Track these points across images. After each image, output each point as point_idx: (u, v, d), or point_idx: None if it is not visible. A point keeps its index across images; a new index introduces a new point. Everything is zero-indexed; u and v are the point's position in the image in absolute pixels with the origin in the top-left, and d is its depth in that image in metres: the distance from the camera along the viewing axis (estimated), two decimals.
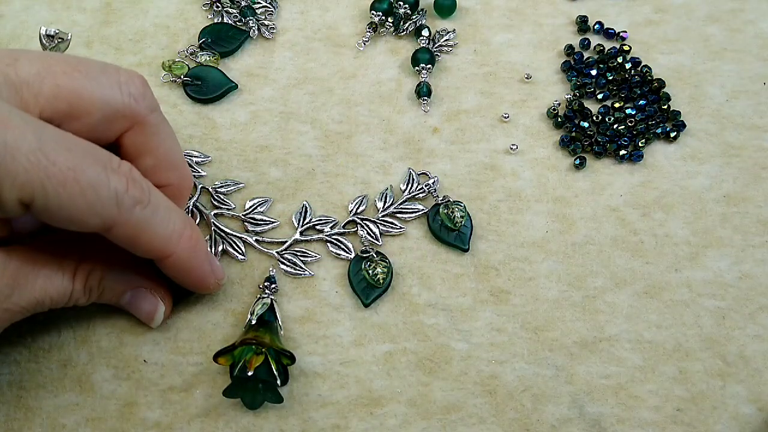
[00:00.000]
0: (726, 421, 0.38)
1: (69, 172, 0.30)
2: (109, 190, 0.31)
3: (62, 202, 0.30)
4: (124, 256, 0.36)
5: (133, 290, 0.38)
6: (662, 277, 0.41)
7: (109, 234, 0.33)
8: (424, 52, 0.48)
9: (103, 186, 0.31)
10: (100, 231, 0.32)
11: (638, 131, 0.46)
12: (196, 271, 0.37)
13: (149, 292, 0.38)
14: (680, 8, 0.51)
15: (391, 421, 0.38)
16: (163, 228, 0.34)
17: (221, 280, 0.39)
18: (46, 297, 0.34)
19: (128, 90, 0.34)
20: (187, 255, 0.35)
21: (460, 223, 0.42)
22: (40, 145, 0.29)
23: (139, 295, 0.38)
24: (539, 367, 0.39)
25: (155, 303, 0.38)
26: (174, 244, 0.35)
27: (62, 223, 0.31)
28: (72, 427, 0.37)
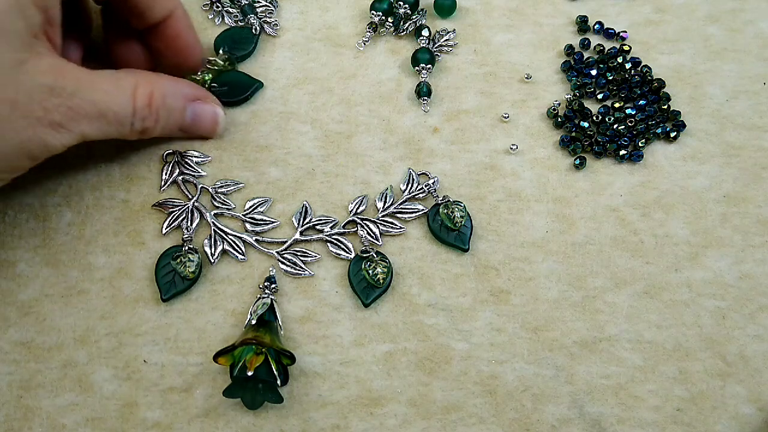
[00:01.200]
0: (726, 421, 0.38)
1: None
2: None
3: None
4: (168, 79, 0.41)
5: (191, 105, 0.42)
6: (662, 277, 0.41)
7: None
8: (424, 52, 0.48)
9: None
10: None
11: (638, 131, 0.46)
12: (193, 30, 0.42)
13: (205, 102, 0.43)
14: (680, 8, 0.51)
15: (391, 421, 0.38)
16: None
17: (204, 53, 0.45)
18: (109, 109, 0.37)
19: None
20: (183, 13, 0.42)
21: (460, 223, 0.42)
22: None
23: (197, 109, 0.42)
24: (539, 367, 0.39)
25: (214, 110, 0.43)
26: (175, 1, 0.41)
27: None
28: (72, 427, 0.37)
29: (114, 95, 0.37)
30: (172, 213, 0.42)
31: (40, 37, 0.35)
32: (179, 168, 0.44)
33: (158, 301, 0.40)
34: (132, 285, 0.41)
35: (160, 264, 0.41)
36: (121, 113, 0.38)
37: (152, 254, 0.41)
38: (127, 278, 0.41)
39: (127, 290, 0.40)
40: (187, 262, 0.40)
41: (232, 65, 0.47)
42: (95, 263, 0.41)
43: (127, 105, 0.38)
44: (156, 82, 0.40)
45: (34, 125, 0.34)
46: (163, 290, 0.40)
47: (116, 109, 0.37)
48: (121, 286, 0.40)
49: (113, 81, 0.38)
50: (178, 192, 0.43)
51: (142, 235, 0.42)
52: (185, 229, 0.42)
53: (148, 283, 0.41)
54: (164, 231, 0.42)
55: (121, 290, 0.40)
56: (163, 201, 0.43)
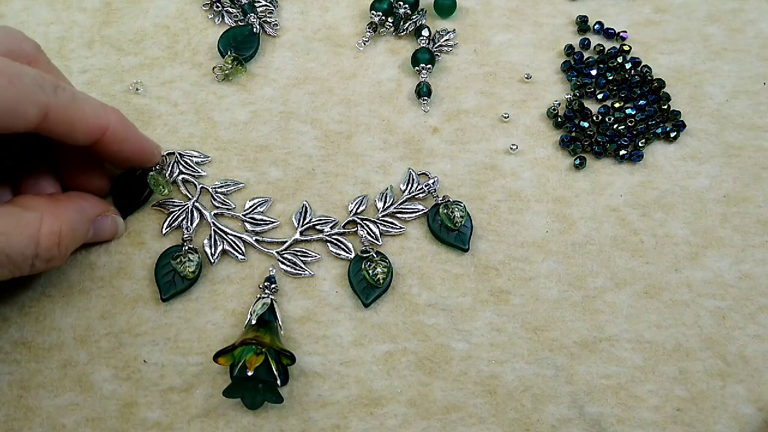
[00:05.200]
0: (726, 421, 0.38)
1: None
2: (29, 77, 0.34)
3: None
4: (74, 206, 0.38)
5: (93, 223, 0.40)
6: (662, 277, 0.41)
7: (48, 123, 0.35)
8: (424, 52, 0.48)
9: (23, 74, 0.34)
10: (39, 123, 0.35)
11: (638, 131, 0.46)
12: (134, 140, 0.40)
13: (104, 216, 0.41)
14: (680, 8, 0.51)
15: (391, 421, 0.38)
16: (89, 105, 0.37)
17: (159, 148, 0.42)
18: (3, 254, 0.34)
19: (13, 35, 0.37)
20: (121, 125, 0.38)
21: (460, 223, 0.42)
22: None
23: (98, 225, 0.40)
24: (539, 367, 0.39)
25: (114, 220, 0.41)
26: (105, 116, 0.38)
27: (7, 122, 0.33)
28: (72, 427, 0.37)
29: (12, 238, 0.34)
30: (172, 213, 0.42)
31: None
32: (179, 168, 0.44)
33: (158, 301, 0.40)
34: (132, 285, 0.41)
35: (160, 264, 0.41)
36: (17, 258, 0.34)
37: (152, 254, 0.41)
38: (127, 278, 0.41)
39: (127, 290, 0.40)
40: (187, 262, 0.40)
41: (241, 65, 0.47)
42: (95, 263, 0.41)
43: (27, 248, 0.34)
44: (63, 214, 0.36)
45: None
46: (163, 290, 0.40)
47: (13, 255, 0.34)
48: (120, 286, 0.40)
49: (14, 220, 0.34)
50: (178, 192, 0.43)
51: (141, 235, 0.42)
52: (185, 229, 0.42)
53: (147, 282, 0.41)
54: (164, 231, 0.42)
55: (121, 290, 0.40)
56: (163, 201, 0.43)
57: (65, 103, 0.35)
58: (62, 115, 0.35)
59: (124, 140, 0.39)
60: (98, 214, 0.40)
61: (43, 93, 0.34)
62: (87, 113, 0.37)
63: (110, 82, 0.47)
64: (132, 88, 0.47)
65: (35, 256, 0.35)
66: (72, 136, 0.37)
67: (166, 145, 0.45)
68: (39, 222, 0.35)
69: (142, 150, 0.41)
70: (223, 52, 0.48)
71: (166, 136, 0.45)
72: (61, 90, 0.35)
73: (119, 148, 0.39)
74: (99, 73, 0.47)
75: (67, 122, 0.36)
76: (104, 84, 0.47)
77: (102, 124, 0.37)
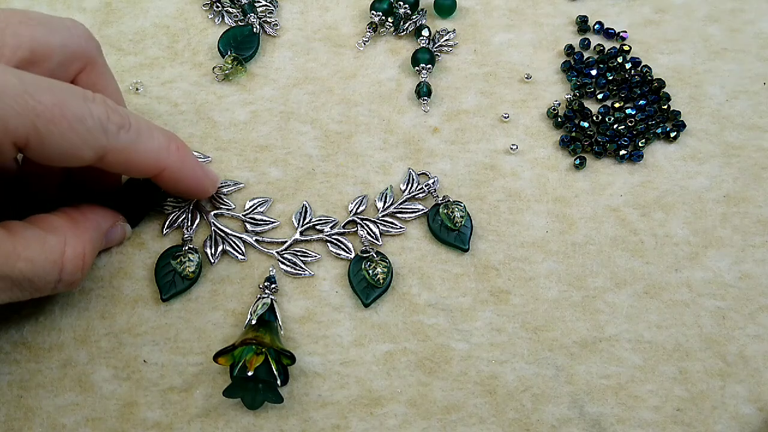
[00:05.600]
0: (726, 421, 0.38)
1: (55, 108, 0.31)
2: (93, 119, 0.33)
3: (54, 139, 0.31)
4: (93, 224, 0.38)
5: (106, 235, 0.40)
6: (662, 277, 0.41)
7: (103, 163, 0.34)
8: (424, 52, 0.48)
9: (87, 117, 0.32)
10: (95, 162, 0.34)
11: (638, 131, 0.46)
12: (190, 178, 0.39)
13: (114, 226, 0.40)
14: (680, 8, 0.51)
15: (391, 421, 0.38)
16: (150, 146, 0.36)
17: (217, 181, 0.42)
18: (26, 280, 0.33)
19: (77, 33, 0.36)
20: (179, 165, 0.38)
21: (460, 223, 0.42)
22: (24, 87, 0.30)
23: (110, 235, 0.40)
24: (539, 367, 0.39)
25: (122, 228, 0.41)
26: (164, 157, 0.37)
27: (59, 159, 0.32)
28: (72, 427, 0.37)
29: (37, 264, 0.33)
30: (172, 213, 0.42)
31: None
32: None
33: (158, 301, 0.40)
34: (132, 285, 0.41)
35: (159, 264, 0.41)
36: (40, 283, 0.34)
37: (152, 254, 0.41)
38: (127, 278, 0.41)
39: (127, 290, 0.40)
40: (187, 261, 0.40)
41: (241, 65, 0.47)
42: (95, 263, 0.41)
43: (51, 273, 0.34)
44: (84, 235, 0.36)
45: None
46: (163, 290, 0.40)
47: (36, 280, 0.33)
48: (120, 286, 0.40)
49: (39, 245, 0.33)
50: None
51: (141, 235, 0.42)
52: (185, 229, 0.42)
53: (147, 282, 0.41)
54: (164, 231, 0.42)
55: (121, 290, 0.40)
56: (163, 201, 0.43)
57: (125, 145, 0.34)
58: (119, 157, 0.34)
59: (179, 180, 0.38)
60: (110, 226, 0.40)
61: (104, 136, 0.33)
62: (146, 155, 0.36)
63: None
64: (132, 88, 0.47)
65: (58, 281, 0.34)
66: (127, 173, 0.37)
67: None
68: (63, 246, 0.34)
69: (197, 187, 0.40)
70: (223, 52, 0.48)
71: None
72: (125, 131, 0.34)
73: (174, 185, 0.39)
74: None
75: (121, 163, 0.35)
76: None
77: (158, 166, 0.37)
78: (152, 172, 0.37)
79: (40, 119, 0.31)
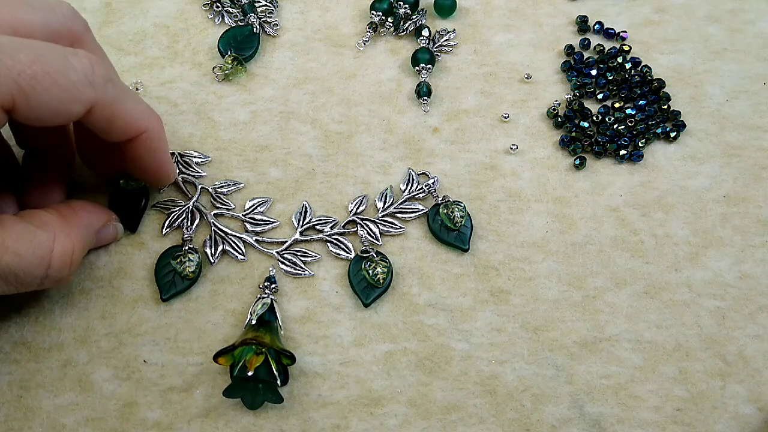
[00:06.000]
0: (726, 421, 0.38)
1: (35, 65, 0.31)
2: (77, 72, 0.32)
3: (40, 96, 0.31)
4: (84, 221, 0.38)
5: (97, 234, 0.40)
6: (662, 277, 0.41)
7: (90, 118, 0.34)
8: (424, 52, 0.48)
9: (69, 70, 0.32)
10: (82, 118, 0.34)
11: (638, 131, 0.46)
12: (164, 152, 0.39)
13: (106, 226, 0.40)
14: (680, 8, 0.51)
15: (391, 421, 0.38)
16: (135, 104, 0.36)
17: (177, 173, 0.42)
18: (12, 274, 0.33)
19: (61, 11, 0.36)
20: (158, 133, 0.38)
21: (460, 223, 0.42)
22: (0, 48, 0.30)
23: (101, 234, 0.40)
24: (539, 367, 0.39)
25: (114, 228, 0.41)
26: (148, 117, 0.37)
27: (49, 118, 0.32)
28: (72, 427, 0.37)
29: (24, 258, 0.33)
30: (172, 213, 0.42)
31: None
32: (179, 168, 0.44)
33: (158, 301, 0.40)
34: (132, 285, 0.41)
35: (159, 264, 0.41)
36: (26, 278, 0.34)
37: (152, 254, 0.41)
38: (127, 278, 0.41)
39: (127, 290, 0.40)
40: (187, 261, 0.40)
41: (241, 65, 0.47)
42: (95, 263, 0.41)
43: (38, 268, 0.34)
44: (74, 233, 0.36)
45: None
46: (163, 290, 0.40)
47: (22, 275, 0.33)
48: (120, 286, 0.40)
49: (28, 239, 0.33)
50: (178, 192, 0.43)
51: (141, 235, 0.42)
52: (185, 229, 0.42)
53: (147, 282, 0.41)
54: (164, 231, 0.42)
55: (121, 290, 0.40)
56: (163, 201, 0.43)
57: (112, 99, 0.34)
58: (105, 111, 0.34)
59: (152, 150, 0.38)
60: (102, 225, 0.40)
61: (91, 89, 0.33)
62: (130, 112, 0.36)
63: None
64: (132, 88, 0.47)
65: (44, 277, 0.34)
66: (107, 133, 0.36)
67: None
68: (52, 242, 0.34)
69: (162, 168, 0.39)
70: (223, 52, 0.48)
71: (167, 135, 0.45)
72: (112, 84, 0.34)
73: (144, 156, 0.38)
74: None
75: (108, 119, 0.35)
76: None
77: (141, 126, 0.36)
78: (135, 131, 0.36)
79: (22, 77, 0.30)
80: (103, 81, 0.34)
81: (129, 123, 0.36)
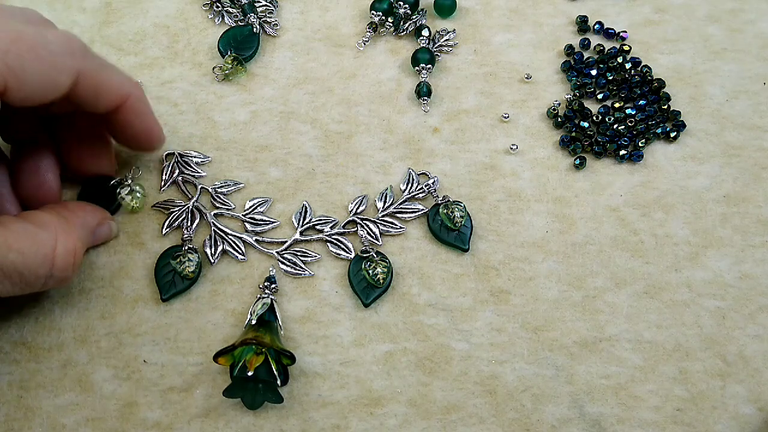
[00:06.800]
0: (726, 421, 0.38)
1: (18, 43, 0.31)
2: (57, 44, 0.33)
3: (28, 73, 0.31)
4: (83, 221, 0.38)
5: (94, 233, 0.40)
6: (662, 277, 0.41)
7: (77, 90, 0.34)
8: (424, 52, 0.48)
9: (50, 43, 0.32)
10: (70, 93, 0.34)
11: (638, 131, 0.46)
12: (149, 116, 0.39)
13: (102, 224, 0.40)
14: (680, 8, 0.51)
15: (391, 421, 0.38)
16: (116, 72, 0.37)
17: (164, 137, 0.41)
18: (16, 273, 0.33)
19: (33, 16, 0.35)
20: (142, 96, 0.38)
21: (460, 223, 0.42)
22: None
23: (97, 233, 0.40)
24: (539, 367, 0.39)
25: (109, 226, 0.41)
26: (130, 84, 0.37)
27: (39, 94, 0.32)
28: (72, 427, 0.37)
29: (28, 257, 0.33)
30: (172, 213, 0.42)
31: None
32: (179, 168, 0.44)
33: (158, 301, 0.40)
34: (132, 285, 0.41)
35: (159, 264, 0.41)
36: (31, 277, 0.34)
37: (152, 254, 0.41)
38: (127, 278, 0.41)
39: (127, 290, 0.40)
40: (187, 261, 0.40)
41: (241, 65, 0.47)
42: (95, 263, 0.41)
43: (42, 267, 0.34)
44: (74, 232, 0.36)
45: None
46: (163, 290, 0.40)
47: (27, 273, 0.33)
48: (121, 286, 0.40)
49: (30, 238, 0.34)
50: (178, 192, 0.43)
51: (141, 235, 0.42)
52: (185, 229, 0.42)
53: (147, 282, 0.41)
54: (164, 231, 0.42)
55: (121, 290, 0.40)
56: (163, 201, 0.43)
57: (95, 67, 0.35)
58: (91, 80, 0.35)
59: (140, 114, 0.38)
60: (98, 224, 0.40)
61: (73, 58, 0.33)
62: (115, 79, 0.36)
63: None
64: None
65: (49, 276, 0.35)
66: (95, 102, 0.36)
67: (166, 145, 0.44)
68: (54, 241, 0.35)
69: (152, 130, 0.40)
70: (223, 52, 0.48)
71: (166, 136, 0.45)
72: (91, 54, 0.35)
73: (134, 121, 0.38)
74: None
75: (94, 87, 0.35)
76: None
77: (125, 92, 0.37)
78: (118, 99, 0.37)
79: (9, 56, 0.31)
80: (82, 52, 0.34)
81: (114, 89, 0.36)
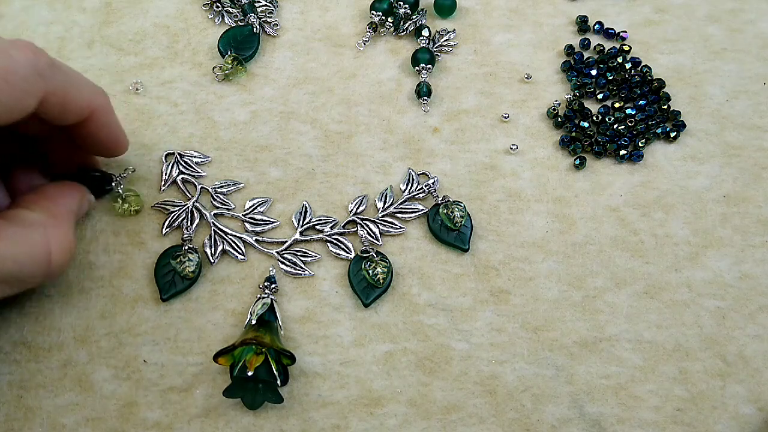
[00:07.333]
0: (726, 421, 0.38)
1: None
2: (25, 67, 0.32)
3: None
4: (71, 210, 0.38)
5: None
6: (662, 277, 0.41)
7: (43, 108, 0.34)
8: (424, 52, 0.48)
9: (18, 66, 0.32)
10: (37, 110, 0.33)
11: (638, 131, 0.46)
12: (114, 126, 0.39)
13: (82, 202, 0.40)
14: (680, 8, 0.51)
15: (391, 421, 0.38)
16: (83, 84, 0.36)
17: (128, 144, 0.41)
18: (12, 277, 0.33)
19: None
20: (108, 106, 0.38)
21: (460, 223, 0.42)
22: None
23: (78, 212, 0.39)
24: (539, 367, 0.39)
25: (86, 200, 0.40)
26: (97, 94, 0.37)
27: (6, 117, 0.32)
28: (72, 427, 0.37)
29: (25, 265, 0.33)
30: (172, 213, 0.42)
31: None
32: (179, 168, 0.44)
33: (158, 301, 0.40)
34: (132, 285, 0.41)
35: (159, 263, 0.41)
36: (28, 279, 0.34)
37: (152, 254, 0.41)
38: (126, 278, 0.41)
39: (127, 290, 0.40)
40: (187, 261, 0.40)
41: (241, 65, 0.47)
42: (95, 263, 0.41)
43: (39, 269, 0.34)
44: (63, 224, 0.36)
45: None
46: (163, 290, 0.40)
47: (24, 277, 0.34)
48: (120, 286, 0.40)
49: (22, 244, 0.33)
50: (178, 192, 0.43)
51: (141, 235, 0.42)
52: (185, 229, 0.42)
53: (147, 282, 0.41)
54: (164, 231, 0.42)
55: (121, 290, 0.40)
56: (163, 201, 0.43)
57: (61, 82, 0.34)
58: (57, 98, 0.34)
59: (105, 125, 0.38)
60: (79, 203, 0.39)
61: (41, 80, 0.33)
62: (81, 92, 0.36)
63: (110, 82, 0.47)
64: (132, 88, 0.47)
65: (46, 275, 0.35)
66: (61, 118, 0.36)
67: (166, 145, 0.45)
68: (47, 243, 0.34)
69: (117, 139, 0.39)
70: (223, 52, 0.48)
71: (166, 136, 0.45)
72: (56, 68, 0.34)
73: (99, 132, 0.38)
74: (99, 73, 0.47)
75: (60, 105, 0.35)
76: (104, 84, 0.46)
77: (92, 104, 0.36)
78: (87, 111, 0.36)
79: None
80: (48, 66, 0.33)
81: (81, 104, 0.36)
